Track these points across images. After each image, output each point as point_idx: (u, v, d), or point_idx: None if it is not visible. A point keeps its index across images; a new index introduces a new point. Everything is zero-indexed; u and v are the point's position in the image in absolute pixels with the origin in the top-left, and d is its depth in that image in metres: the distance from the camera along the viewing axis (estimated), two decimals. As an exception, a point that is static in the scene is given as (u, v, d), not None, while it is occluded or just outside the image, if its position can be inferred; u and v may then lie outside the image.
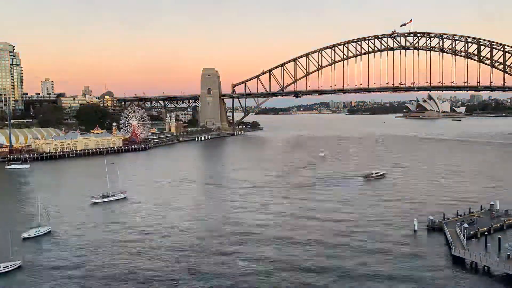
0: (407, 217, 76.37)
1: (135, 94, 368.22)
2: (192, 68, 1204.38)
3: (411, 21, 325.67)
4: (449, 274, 52.80)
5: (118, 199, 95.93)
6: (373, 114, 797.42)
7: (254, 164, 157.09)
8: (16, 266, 56.43)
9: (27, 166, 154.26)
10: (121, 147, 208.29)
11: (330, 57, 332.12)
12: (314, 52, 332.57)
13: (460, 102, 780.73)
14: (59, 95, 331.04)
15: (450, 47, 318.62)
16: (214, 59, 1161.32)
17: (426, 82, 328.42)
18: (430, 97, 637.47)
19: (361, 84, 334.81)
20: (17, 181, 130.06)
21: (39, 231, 70.32)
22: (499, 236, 60.69)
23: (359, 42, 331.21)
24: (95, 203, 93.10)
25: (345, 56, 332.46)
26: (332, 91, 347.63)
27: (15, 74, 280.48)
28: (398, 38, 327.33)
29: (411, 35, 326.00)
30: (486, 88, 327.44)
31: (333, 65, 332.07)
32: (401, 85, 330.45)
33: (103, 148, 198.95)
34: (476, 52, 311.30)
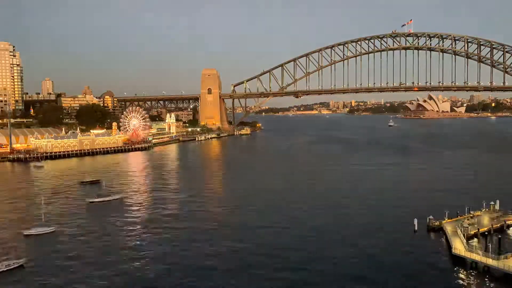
0: (407, 217, 76.27)
1: (135, 94, 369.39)
2: (192, 68, 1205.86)
3: (411, 21, 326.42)
4: (449, 274, 52.80)
5: (115, 199, 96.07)
6: (373, 114, 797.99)
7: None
8: (18, 265, 56.41)
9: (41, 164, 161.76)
10: (121, 147, 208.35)
11: (330, 57, 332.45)
12: (314, 52, 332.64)
13: (460, 102, 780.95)
14: (59, 95, 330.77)
15: (450, 47, 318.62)
16: (214, 59, 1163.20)
17: (426, 82, 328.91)
18: (430, 97, 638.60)
19: (361, 84, 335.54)
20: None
21: (42, 230, 70.42)
22: (499, 236, 60.73)
23: (359, 42, 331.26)
24: (92, 202, 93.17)
25: (345, 56, 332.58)
26: (332, 91, 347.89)
27: (15, 74, 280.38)
28: (398, 38, 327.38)
29: (411, 35, 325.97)
30: (486, 88, 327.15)
31: (333, 65, 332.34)
32: (401, 85, 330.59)
33: (103, 148, 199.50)
34: (476, 52, 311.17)
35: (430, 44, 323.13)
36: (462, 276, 52.10)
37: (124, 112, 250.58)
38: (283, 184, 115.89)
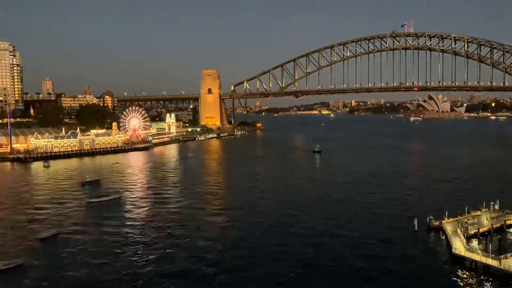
0: (407, 217, 76.29)
1: (135, 94, 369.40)
2: (192, 68, 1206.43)
3: (411, 21, 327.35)
4: (449, 274, 52.81)
5: (114, 199, 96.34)
6: (373, 114, 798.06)
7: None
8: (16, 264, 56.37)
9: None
10: (121, 147, 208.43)
11: (330, 57, 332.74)
12: (314, 52, 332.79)
13: (460, 102, 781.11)
14: (59, 95, 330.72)
15: (450, 47, 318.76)
16: (214, 59, 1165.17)
17: (426, 82, 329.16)
18: (430, 97, 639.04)
19: (361, 84, 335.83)
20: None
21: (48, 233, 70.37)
22: (499, 236, 60.71)
23: (359, 42, 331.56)
24: (90, 202, 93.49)
25: (345, 56, 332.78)
26: (332, 91, 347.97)
27: (15, 74, 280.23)
28: (398, 38, 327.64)
29: (411, 35, 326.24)
30: (486, 88, 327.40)
31: (333, 65, 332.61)
32: (401, 85, 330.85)
33: (103, 148, 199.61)
34: (476, 52, 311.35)
35: (430, 44, 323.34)
36: (462, 276, 52.11)
37: (124, 112, 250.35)
38: (282, 183, 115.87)
